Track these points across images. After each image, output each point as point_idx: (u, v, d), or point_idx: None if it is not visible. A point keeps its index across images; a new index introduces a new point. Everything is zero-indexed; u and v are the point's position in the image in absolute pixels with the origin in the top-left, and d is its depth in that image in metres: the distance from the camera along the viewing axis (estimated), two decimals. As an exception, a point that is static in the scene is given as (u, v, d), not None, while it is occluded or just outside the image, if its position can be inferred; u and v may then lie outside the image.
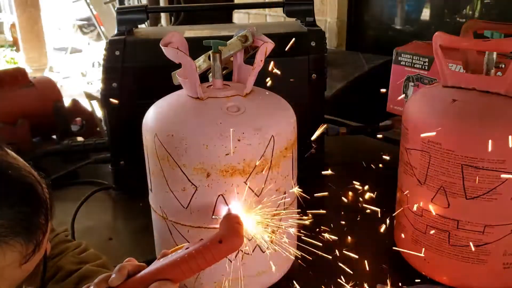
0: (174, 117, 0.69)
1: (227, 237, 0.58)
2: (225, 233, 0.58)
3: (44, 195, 0.49)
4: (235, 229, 0.59)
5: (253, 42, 0.75)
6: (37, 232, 0.48)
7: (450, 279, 0.75)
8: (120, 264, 0.58)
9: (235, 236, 0.58)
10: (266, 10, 3.09)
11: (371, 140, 1.33)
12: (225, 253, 0.58)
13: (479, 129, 0.66)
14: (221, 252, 0.57)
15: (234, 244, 0.58)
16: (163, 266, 0.57)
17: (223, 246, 0.57)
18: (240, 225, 0.60)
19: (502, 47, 0.69)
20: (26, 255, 0.48)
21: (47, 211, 0.49)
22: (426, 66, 1.80)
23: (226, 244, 0.57)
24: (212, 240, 0.57)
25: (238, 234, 0.59)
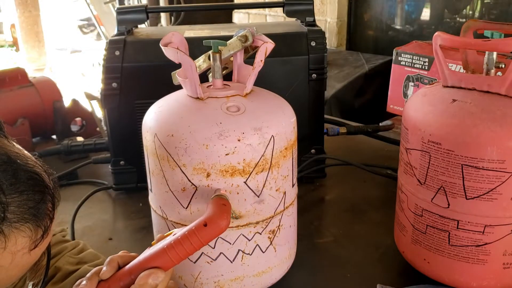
0: (174, 117, 0.69)
1: (212, 219, 0.58)
2: (210, 216, 0.58)
3: (50, 184, 0.51)
4: (221, 211, 0.59)
5: (253, 42, 0.75)
6: (44, 218, 0.49)
7: (450, 279, 0.75)
8: (110, 257, 0.58)
9: (220, 219, 0.58)
10: (266, 10, 3.09)
11: (371, 140, 1.33)
12: (211, 236, 0.57)
13: (479, 129, 0.66)
14: (207, 236, 0.57)
15: (219, 227, 0.58)
16: (152, 254, 0.57)
17: (208, 229, 0.57)
18: (226, 206, 0.60)
19: (502, 47, 0.69)
20: (35, 240, 0.49)
21: (53, 198, 0.51)
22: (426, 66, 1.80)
23: (211, 227, 0.57)
24: (198, 224, 0.57)
25: (223, 216, 0.58)
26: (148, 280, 0.54)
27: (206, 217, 0.58)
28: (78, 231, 0.98)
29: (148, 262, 0.56)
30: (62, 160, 1.28)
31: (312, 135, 1.12)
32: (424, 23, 2.52)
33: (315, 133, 1.12)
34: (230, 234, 0.70)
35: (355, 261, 0.88)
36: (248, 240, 0.71)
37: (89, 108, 1.44)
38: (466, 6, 2.36)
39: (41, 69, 5.26)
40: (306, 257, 0.87)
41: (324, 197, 1.13)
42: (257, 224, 0.71)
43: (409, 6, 2.58)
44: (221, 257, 0.71)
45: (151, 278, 0.55)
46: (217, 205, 0.60)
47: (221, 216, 0.58)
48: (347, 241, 0.94)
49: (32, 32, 5.28)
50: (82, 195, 1.09)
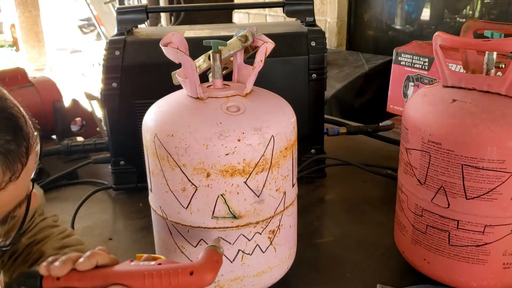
0: (174, 117, 0.69)
1: (200, 271, 0.57)
2: (199, 267, 0.57)
3: (26, 129, 0.50)
4: (211, 267, 0.58)
5: (253, 42, 0.75)
6: (15, 161, 0.49)
7: (450, 279, 0.75)
8: (92, 251, 0.58)
9: (207, 273, 0.57)
10: (266, 10, 3.09)
11: (371, 140, 1.33)
12: (192, 286, 0.57)
13: (479, 129, 0.66)
14: (188, 284, 0.56)
15: (203, 281, 0.57)
16: (130, 272, 0.56)
17: (192, 278, 0.56)
18: (218, 264, 0.59)
19: (502, 47, 0.69)
20: (1, 182, 0.49)
21: (28, 144, 0.50)
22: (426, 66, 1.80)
23: (196, 278, 0.56)
24: (184, 269, 0.56)
25: (211, 272, 0.58)
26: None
27: (195, 266, 0.57)
28: (78, 231, 0.98)
29: (123, 278, 0.56)
30: (62, 160, 1.28)
31: (312, 135, 1.12)
32: (424, 23, 2.52)
33: (315, 133, 1.12)
34: (230, 234, 0.70)
35: (355, 261, 0.88)
36: (248, 240, 0.71)
37: (89, 108, 1.44)
38: (466, 6, 2.36)
39: (41, 69, 5.26)
40: (306, 257, 0.87)
41: (324, 197, 1.13)
42: (257, 224, 0.71)
43: (409, 6, 2.58)
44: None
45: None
46: (210, 260, 0.59)
47: (209, 271, 0.57)
48: (347, 241, 0.94)
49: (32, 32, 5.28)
50: (82, 195, 1.09)
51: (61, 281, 0.56)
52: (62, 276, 0.56)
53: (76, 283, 0.56)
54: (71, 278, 0.56)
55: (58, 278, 0.56)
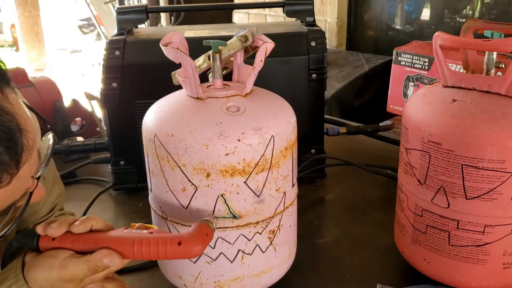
0: (174, 117, 0.69)
1: (188, 242, 0.58)
2: (188, 238, 0.58)
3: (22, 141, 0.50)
4: (200, 239, 0.59)
5: (253, 42, 0.75)
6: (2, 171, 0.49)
7: (450, 279, 0.75)
8: (88, 216, 0.61)
9: (196, 245, 0.58)
10: (266, 10, 3.09)
11: (371, 140, 1.33)
12: (179, 256, 0.58)
13: (479, 129, 0.66)
14: (175, 254, 0.58)
15: (191, 252, 0.58)
16: (120, 238, 0.58)
17: (179, 248, 0.57)
18: (208, 237, 0.60)
19: (502, 47, 0.69)
20: None
21: (20, 157, 0.50)
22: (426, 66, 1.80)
23: (183, 248, 0.57)
24: (173, 239, 0.58)
25: (200, 243, 0.59)
26: (104, 260, 0.57)
27: (184, 237, 0.58)
28: (78, 231, 0.98)
29: (113, 243, 0.58)
30: (62, 160, 1.28)
31: (312, 135, 1.12)
32: (424, 23, 2.52)
33: (315, 133, 1.12)
34: (230, 234, 0.70)
35: (355, 261, 0.88)
36: (248, 240, 0.71)
37: (89, 108, 1.44)
38: (466, 6, 2.36)
39: (41, 69, 5.26)
40: (306, 257, 0.87)
41: (324, 197, 1.13)
42: (257, 224, 0.71)
43: (409, 6, 2.58)
44: (221, 257, 0.71)
45: (107, 259, 0.57)
46: (200, 232, 0.60)
47: (197, 243, 0.59)
48: (347, 241, 0.94)
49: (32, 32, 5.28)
50: (83, 195, 1.09)
51: (56, 242, 0.59)
52: (57, 237, 0.59)
53: (69, 244, 0.59)
54: (65, 240, 0.59)
55: (53, 239, 0.59)
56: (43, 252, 0.59)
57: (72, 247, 0.59)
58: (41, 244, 0.60)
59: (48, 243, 0.59)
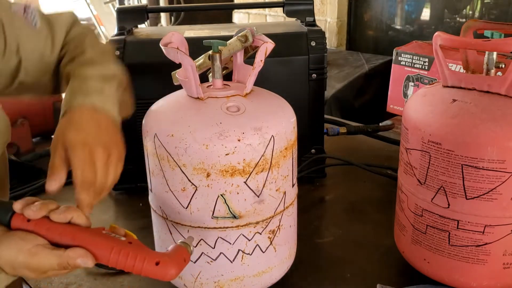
0: (174, 117, 0.69)
1: (166, 264, 0.56)
2: (166, 260, 0.57)
3: None
4: (178, 263, 0.58)
5: (253, 42, 0.75)
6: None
7: (450, 279, 0.75)
8: (71, 206, 0.58)
9: (172, 268, 0.57)
10: (266, 10, 3.09)
11: (371, 140, 1.33)
12: (153, 276, 0.56)
13: (479, 129, 0.66)
14: (150, 272, 0.56)
15: (166, 274, 0.56)
16: (99, 241, 0.56)
17: (155, 268, 0.56)
18: (184, 263, 0.59)
19: (502, 47, 0.69)
20: None
21: None
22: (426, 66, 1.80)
23: (159, 269, 0.56)
24: (151, 257, 0.56)
25: (176, 268, 0.57)
26: (77, 259, 0.55)
27: (163, 258, 0.57)
28: (78, 231, 0.98)
29: (90, 243, 0.56)
30: (62, 160, 1.28)
31: (312, 135, 1.12)
32: (424, 23, 2.52)
33: (315, 133, 1.12)
34: (230, 234, 0.70)
35: (355, 261, 0.88)
36: (248, 240, 0.71)
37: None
38: (466, 6, 2.36)
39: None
40: (306, 257, 0.87)
41: (324, 197, 1.13)
42: (257, 224, 0.71)
43: (409, 6, 2.58)
44: (221, 257, 0.71)
45: (81, 259, 0.55)
46: (179, 256, 0.59)
47: (174, 267, 0.57)
48: (347, 241, 0.94)
49: (32, 32, 5.27)
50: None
51: (31, 224, 0.56)
52: (33, 219, 0.56)
53: (44, 231, 0.56)
54: (41, 225, 0.56)
55: (28, 220, 0.56)
56: (12, 230, 0.56)
57: (46, 235, 0.56)
58: (14, 223, 0.56)
59: (21, 223, 0.56)
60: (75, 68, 0.72)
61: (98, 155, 0.62)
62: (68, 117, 0.66)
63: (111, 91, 0.70)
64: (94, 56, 0.74)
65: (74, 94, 0.68)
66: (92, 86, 0.69)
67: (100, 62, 0.73)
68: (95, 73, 0.70)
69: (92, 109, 0.66)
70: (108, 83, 0.70)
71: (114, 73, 0.73)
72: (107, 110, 0.68)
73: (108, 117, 0.67)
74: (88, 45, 0.76)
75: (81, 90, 0.68)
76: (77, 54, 0.75)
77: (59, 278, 0.85)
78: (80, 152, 0.61)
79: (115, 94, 0.71)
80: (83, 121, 0.65)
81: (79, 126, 0.64)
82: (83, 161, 0.61)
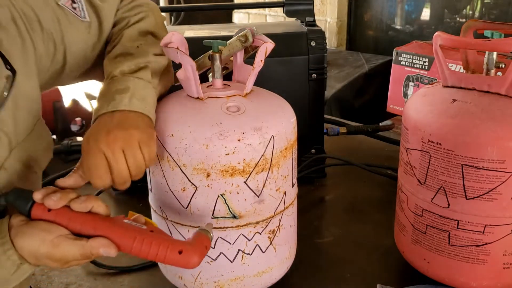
0: (174, 117, 0.69)
1: (189, 252, 0.56)
2: (189, 248, 0.57)
3: None
4: (200, 251, 0.58)
5: (253, 42, 0.75)
6: None
7: (450, 279, 0.75)
8: (91, 196, 0.58)
9: (195, 256, 0.57)
10: (266, 10, 3.09)
11: (371, 140, 1.33)
12: (176, 264, 0.57)
13: (479, 129, 0.66)
14: (173, 261, 0.56)
15: (188, 262, 0.57)
16: (121, 230, 0.56)
17: (179, 257, 0.56)
18: (206, 250, 0.59)
19: (502, 47, 0.69)
20: None
21: None
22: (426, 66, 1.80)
23: (183, 257, 0.56)
24: (174, 246, 0.56)
25: (199, 255, 0.57)
26: (100, 249, 0.55)
27: (185, 246, 0.57)
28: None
29: (113, 233, 0.56)
30: (62, 160, 1.28)
31: (312, 135, 1.12)
32: (424, 23, 2.52)
33: (315, 133, 1.12)
34: (230, 234, 0.70)
35: (355, 261, 0.88)
36: (248, 240, 0.71)
37: (89, 108, 1.44)
38: (466, 6, 2.36)
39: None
40: (306, 257, 0.87)
41: (324, 197, 1.13)
42: (257, 224, 0.71)
43: (409, 6, 2.58)
44: (221, 257, 0.71)
45: (104, 249, 0.55)
46: (201, 243, 0.59)
47: (197, 254, 0.57)
48: (347, 241, 0.94)
49: (32, 32, 5.27)
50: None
51: (51, 214, 0.56)
52: (54, 209, 0.56)
53: (65, 221, 0.56)
54: (62, 215, 0.56)
55: (49, 210, 0.56)
56: (33, 221, 0.56)
57: (68, 225, 0.56)
58: (34, 212, 0.56)
59: (42, 213, 0.56)
60: (107, 63, 0.71)
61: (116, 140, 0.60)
62: (93, 125, 0.65)
63: (140, 85, 0.67)
64: (129, 48, 0.71)
65: (100, 102, 0.67)
66: (114, 87, 0.67)
67: (133, 53, 0.71)
68: (125, 69, 0.68)
69: (119, 112, 0.65)
70: (138, 76, 0.68)
71: (147, 61, 0.70)
72: (131, 106, 0.65)
73: (131, 112, 0.65)
74: (126, 34, 0.74)
75: (105, 96, 0.66)
76: (115, 44, 0.73)
77: (59, 278, 0.85)
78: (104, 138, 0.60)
79: (146, 85, 0.68)
80: (104, 122, 0.64)
81: (100, 126, 0.64)
82: (106, 145, 0.60)
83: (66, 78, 0.74)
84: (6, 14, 0.61)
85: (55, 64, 0.69)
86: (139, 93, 0.66)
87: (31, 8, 0.64)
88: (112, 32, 0.75)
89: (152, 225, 0.59)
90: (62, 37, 0.69)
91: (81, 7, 0.70)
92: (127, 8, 0.76)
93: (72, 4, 0.69)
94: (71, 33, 0.70)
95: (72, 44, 0.70)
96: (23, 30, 0.63)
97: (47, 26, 0.66)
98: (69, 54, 0.70)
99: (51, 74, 0.70)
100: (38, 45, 0.65)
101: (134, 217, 0.60)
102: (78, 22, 0.70)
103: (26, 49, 0.62)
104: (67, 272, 0.86)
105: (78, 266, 0.87)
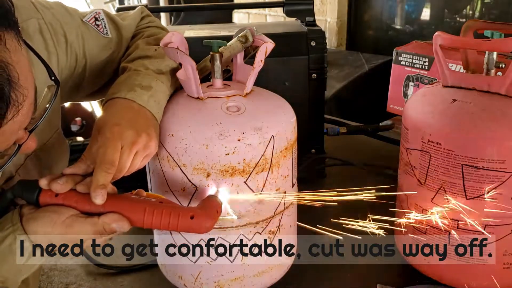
0: (174, 117, 0.69)
1: (200, 217, 0.56)
2: (200, 212, 0.57)
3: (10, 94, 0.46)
4: (212, 215, 0.58)
5: (253, 42, 0.75)
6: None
7: (450, 279, 0.75)
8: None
9: (207, 220, 0.57)
10: (266, 10, 3.09)
11: (371, 140, 1.33)
12: (189, 230, 0.57)
13: (479, 129, 0.66)
14: (186, 227, 0.56)
15: (201, 227, 0.57)
16: (130, 203, 0.57)
17: (191, 223, 0.56)
18: (218, 214, 0.59)
19: (502, 47, 0.69)
20: None
21: (5, 111, 0.47)
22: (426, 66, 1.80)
23: (195, 222, 0.56)
24: (185, 212, 0.56)
25: (211, 219, 0.58)
26: (113, 224, 0.56)
27: (197, 211, 0.57)
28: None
29: (123, 207, 0.56)
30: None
31: (312, 135, 1.12)
32: (424, 23, 2.52)
33: (315, 133, 1.12)
34: (230, 234, 0.70)
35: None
36: (248, 240, 0.71)
37: (89, 108, 1.44)
38: (466, 6, 2.36)
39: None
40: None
41: (324, 196, 1.13)
42: (257, 224, 0.70)
43: (409, 6, 2.58)
44: (221, 257, 0.71)
45: (116, 224, 0.56)
46: (211, 208, 0.59)
47: (209, 218, 0.57)
48: (347, 241, 0.94)
49: (32, 32, 5.27)
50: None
51: (59, 198, 0.56)
52: (61, 193, 0.56)
53: (74, 203, 0.56)
54: (70, 197, 0.56)
55: (56, 195, 0.56)
56: (42, 207, 0.56)
57: (77, 206, 0.56)
58: (42, 199, 0.56)
59: (50, 198, 0.56)
60: (124, 65, 0.72)
61: (127, 138, 0.61)
62: (106, 106, 0.66)
63: (161, 88, 0.69)
64: (147, 50, 0.74)
65: (118, 87, 0.67)
66: (137, 80, 0.68)
67: (151, 56, 0.73)
68: (149, 66, 0.70)
69: (131, 101, 0.65)
70: (161, 79, 0.70)
71: (166, 64, 0.72)
72: (148, 105, 0.66)
73: (146, 111, 0.66)
74: (141, 41, 0.77)
75: (126, 84, 0.67)
76: (131, 51, 0.76)
77: (59, 278, 0.85)
78: (108, 131, 0.60)
79: (165, 91, 0.70)
80: (118, 109, 0.65)
81: (114, 111, 0.64)
82: (109, 140, 0.60)
83: (80, 94, 0.77)
84: (34, 25, 0.64)
85: (74, 78, 0.72)
86: (158, 96, 0.68)
87: (59, 22, 0.68)
88: (128, 45, 0.79)
89: (160, 197, 0.59)
90: (84, 51, 0.71)
91: (104, 24, 0.74)
92: (143, 26, 0.81)
93: (95, 22, 0.73)
94: (93, 48, 0.73)
95: (93, 58, 0.73)
96: (49, 42, 0.65)
97: (71, 40, 0.69)
98: (88, 68, 0.73)
99: (69, 88, 0.72)
100: (61, 57, 0.67)
101: (140, 193, 0.61)
102: (100, 38, 0.74)
103: (50, 61, 0.64)
104: (67, 272, 0.86)
105: (78, 266, 0.87)
